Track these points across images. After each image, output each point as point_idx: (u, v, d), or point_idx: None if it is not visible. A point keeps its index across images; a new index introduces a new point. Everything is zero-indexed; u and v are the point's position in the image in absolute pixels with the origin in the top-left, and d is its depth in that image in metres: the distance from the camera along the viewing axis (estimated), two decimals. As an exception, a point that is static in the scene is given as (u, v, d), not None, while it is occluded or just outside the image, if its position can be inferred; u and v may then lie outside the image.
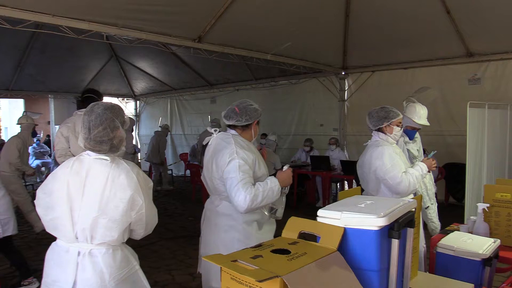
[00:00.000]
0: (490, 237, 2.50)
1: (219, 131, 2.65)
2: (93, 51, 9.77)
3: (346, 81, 9.02)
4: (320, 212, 1.37)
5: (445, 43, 6.92)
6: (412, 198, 1.57)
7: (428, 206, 4.07)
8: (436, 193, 4.28)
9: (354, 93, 8.88)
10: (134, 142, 8.42)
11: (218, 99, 11.73)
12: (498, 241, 2.35)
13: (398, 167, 3.04)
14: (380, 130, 3.21)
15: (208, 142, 2.66)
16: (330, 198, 7.74)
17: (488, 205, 2.71)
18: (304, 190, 8.56)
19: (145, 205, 1.87)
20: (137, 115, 14.66)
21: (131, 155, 7.82)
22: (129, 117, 7.87)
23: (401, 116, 3.27)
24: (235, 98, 11.01)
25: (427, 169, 3.20)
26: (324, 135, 9.00)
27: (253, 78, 10.26)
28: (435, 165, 3.34)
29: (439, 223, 4.09)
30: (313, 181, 8.15)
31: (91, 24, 5.14)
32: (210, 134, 2.69)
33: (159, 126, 11.32)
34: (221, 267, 1.19)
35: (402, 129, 3.43)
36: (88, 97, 3.84)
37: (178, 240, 5.78)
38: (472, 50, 6.98)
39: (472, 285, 1.81)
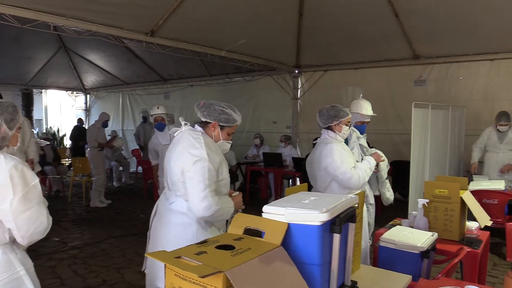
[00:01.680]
0: (429, 231, 2.65)
1: (190, 126, 2.55)
2: (41, 41, 9.34)
3: (299, 79, 9.15)
4: (265, 208, 1.40)
5: (393, 45, 7.19)
6: (354, 194, 1.63)
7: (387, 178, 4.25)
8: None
9: (307, 92, 9.04)
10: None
11: (171, 95, 11.56)
12: (436, 234, 2.49)
13: (347, 163, 3.15)
14: (329, 128, 3.30)
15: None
16: (282, 194, 7.85)
17: (427, 200, 2.86)
18: (256, 187, 8.63)
19: (15, 201, 1.77)
20: (87, 109, 14.18)
21: (98, 149, 7.68)
22: (104, 112, 7.57)
23: (350, 115, 3.38)
24: (189, 94, 10.93)
25: (375, 162, 3.35)
26: (277, 133, 9.10)
27: (208, 74, 10.19)
28: (382, 157, 3.51)
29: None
30: (266, 178, 8.24)
31: (37, 14, 4.89)
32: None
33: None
34: (165, 264, 1.19)
35: (351, 128, 3.55)
36: None
37: (127, 238, 5.66)
38: (418, 53, 7.30)
39: (410, 276, 1.91)
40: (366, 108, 4.22)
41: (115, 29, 5.68)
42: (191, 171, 2.30)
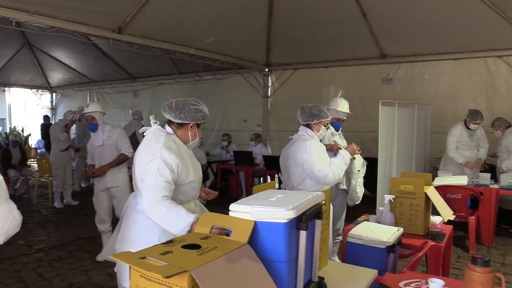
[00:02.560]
0: (395, 226, 2.71)
1: (159, 125, 2.49)
2: (3, 37, 9.02)
3: (269, 77, 9.20)
4: (232, 207, 1.40)
5: (361, 44, 7.32)
6: (321, 191, 1.65)
7: (359, 170, 4.26)
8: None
9: (277, 90, 9.09)
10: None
11: (141, 93, 11.40)
12: (401, 229, 2.55)
13: (324, 160, 3.19)
14: (308, 126, 3.35)
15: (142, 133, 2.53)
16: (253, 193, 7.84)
17: (393, 196, 2.93)
18: (228, 185, 8.61)
19: None
20: (53, 108, 13.80)
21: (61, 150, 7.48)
22: (71, 111, 7.03)
23: (330, 118, 3.44)
24: (158, 92, 10.80)
25: (350, 156, 3.36)
26: (248, 131, 9.11)
27: (177, 72, 10.11)
28: (359, 150, 3.49)
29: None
30: (237, 176, 8.23)
31: (-3, 8, 4.73)
32: (132, 129, 2.59)
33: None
34: (129, 265, 1.17)
35: (328, 128, 3.62)
36: None
37: (95, 239, 5.52)
38: (386, 52, 7.46)
39: (376, 270, 1.94)
40: (342, 106, 4.30)
41: (80, 26, 5.55)
42: (145, 170, 2.28)
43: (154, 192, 2.20)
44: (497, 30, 6.02)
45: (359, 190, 4.27)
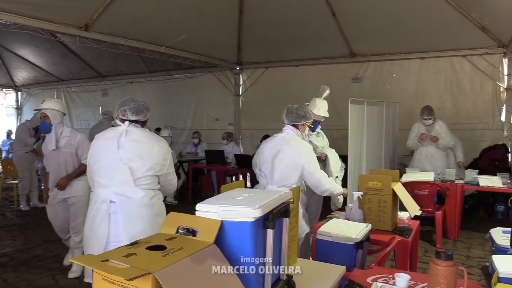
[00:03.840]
0: (364, 222, 2.75)
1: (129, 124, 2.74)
2: (-38, 34, 8.67)
3: (240, 76, 9.18)
4: (198, 206, 1.38)
5: (331, 43, 7.40)
6: (289, 190, 1.65)
7: (337, 177, 4.31)
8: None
9: (248, 88, 9.08)
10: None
11: (110, 92, 11.16)
12: (370, 225, 2.59)
13: (317, 164, 3.29)
14: (294, 126, 3.39)
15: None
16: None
17: (362, 193, 2.97)
18: (199, 185, 8.53)
19: None
20: (19, 108, 13.37)
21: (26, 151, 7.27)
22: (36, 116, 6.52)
23: (313, 119, 3.49)
24: (129, 91, 10.59)
25: (341, 192, 3.46)
26: (219, 130, 9.07)
27: (148, 71, 9.94)
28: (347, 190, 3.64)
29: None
30: (209, 176, 8.18)
31: (-45, 4, 4.55)
32: (101, 128, 2.67)
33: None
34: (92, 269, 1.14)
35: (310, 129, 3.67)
36: None
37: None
38: (355, 51, 7.56)
39: (344, 267, 1.97)
40: (319, 108, 4.32)
41: (45, 23, 5.39)
42: (168, 160, 2.72)
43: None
44: (462, 30, 6.20)
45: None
